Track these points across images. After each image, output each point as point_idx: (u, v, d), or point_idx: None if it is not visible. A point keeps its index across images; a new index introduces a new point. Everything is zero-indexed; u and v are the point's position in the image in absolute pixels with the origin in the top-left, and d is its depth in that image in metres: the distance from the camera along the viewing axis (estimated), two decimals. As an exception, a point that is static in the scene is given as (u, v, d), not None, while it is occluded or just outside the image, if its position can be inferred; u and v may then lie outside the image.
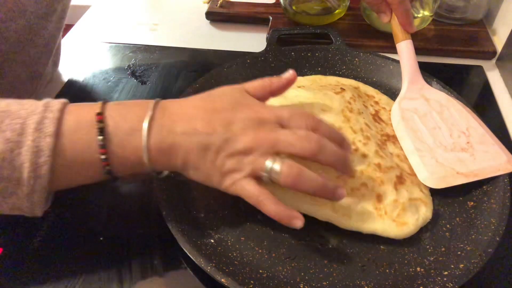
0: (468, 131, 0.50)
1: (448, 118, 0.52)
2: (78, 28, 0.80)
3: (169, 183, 0.48)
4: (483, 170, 0.47)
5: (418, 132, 0.51)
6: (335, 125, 0.49)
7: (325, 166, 0.42)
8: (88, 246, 0.46)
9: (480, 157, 0.47)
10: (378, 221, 0.44)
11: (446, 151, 0.48)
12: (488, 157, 0.47)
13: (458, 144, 0.49)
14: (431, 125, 0.51)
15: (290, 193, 0.45)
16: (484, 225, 0.44)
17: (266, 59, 0.63)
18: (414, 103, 0.54)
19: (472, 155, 0.48)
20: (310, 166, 0.41)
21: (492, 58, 0.70)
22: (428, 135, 0.50)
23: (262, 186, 0.40)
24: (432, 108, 0.53)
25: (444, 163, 0.47)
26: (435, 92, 0.55)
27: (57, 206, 0.49)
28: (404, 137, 0.51)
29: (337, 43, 0.66)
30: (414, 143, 0.49)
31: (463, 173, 0.46)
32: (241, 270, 0.41)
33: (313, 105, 0.51)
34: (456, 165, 0.47)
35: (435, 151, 0.49)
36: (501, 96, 0.64)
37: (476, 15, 0.74)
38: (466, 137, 0.49)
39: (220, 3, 0.79)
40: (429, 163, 0.47)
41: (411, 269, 0.42)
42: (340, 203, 0.44)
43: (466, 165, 0.47)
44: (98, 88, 0.65)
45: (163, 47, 0.73)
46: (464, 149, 0.48)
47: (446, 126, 0.51)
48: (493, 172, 0.46)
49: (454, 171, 0.47)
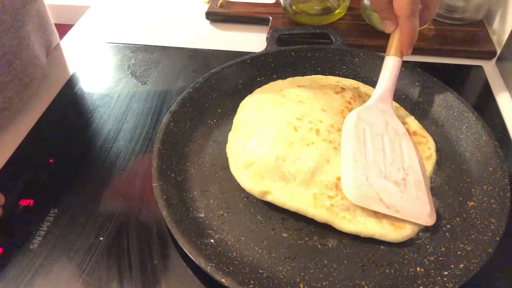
0: (408, 170, 0.47)
1: (396, 149, 0.49)
2: (78, 28, 0.80)
3: (169, 183, 0.48)
4: (405, 211, 0.44)
5: (362, 145, 0.48)
6: (334, 126, 0.49)
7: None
8: (88, 246, 0.46)
9: (408, 198, 0.45)
10: (376, 224, 0.44)
11: (379, 175, 0.46)
12: (415, 202, 0.45)
13: (393, 175, 0.47)
14: (377, 146, 0.49)
15: (293, 196, 0.45)
16: (484, 225, 0.44)
17: (266, 59, 0.63)
18: (373, 119, 0.51)
19: (402, 192, 0.45)
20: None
21: (492, 58, 0.70)
22: (371, 153, 0.48)
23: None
24: (387, 133, 0.50)
25: (373, 184, 0.45)
26: (397, 120, 0.52)
27: (57, 206, 0.49)
28: (347, 143, 0.48)
29: (337, 43, 0.66)
30: (354, 153, 0.47)
31: (385, 203, 0.44)
32: (241, 270, 0.41)
33: (313, 104, 0.51)
34: (382, 192, 0.45)
35: (370, 170, 0.46)
36: (501, 96, 0.64)
37: (476, 15, 0.74)
38: (404, 174, 0.47)
39: (220, 3, 0.79)
40: (358, 177, 0.45)
41: (411, 269, 0.42)
42: (339, 206, 0.44)
43: (391, 198, 0.45)
44: (98, 88, 0.65)
45: (163, 47, 0.73)
46: (397, 183, 0.46)
47: (391, 155, 0.48)
48: (413, 217, 0.44)
49: (378, 196, 0.44)
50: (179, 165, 0.51)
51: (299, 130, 0.48)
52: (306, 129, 0.48)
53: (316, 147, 0.47)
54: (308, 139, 0.48)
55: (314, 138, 0.48)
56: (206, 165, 0.52)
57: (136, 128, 0.58)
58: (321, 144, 0.47)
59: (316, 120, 0.49)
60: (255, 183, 0.47)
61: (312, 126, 0.49)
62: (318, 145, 0.47)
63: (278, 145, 0.47)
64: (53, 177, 0.52)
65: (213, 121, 0.57)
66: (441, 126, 0.56)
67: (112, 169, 0.53)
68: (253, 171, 0.48)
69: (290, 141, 0.47)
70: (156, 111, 0.61)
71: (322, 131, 0.48)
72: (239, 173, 0.49)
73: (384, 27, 0.55)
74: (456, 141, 0.54)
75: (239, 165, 0.49)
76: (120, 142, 0.56)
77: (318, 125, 0.49)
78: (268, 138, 0.48)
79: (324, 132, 0.48)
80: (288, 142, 0.47)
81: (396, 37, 0.53)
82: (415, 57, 0.69)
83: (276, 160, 0.47)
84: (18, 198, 0.49)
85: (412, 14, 0.50)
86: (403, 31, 0.52)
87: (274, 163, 0.47)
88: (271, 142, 0.48)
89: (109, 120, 0.60)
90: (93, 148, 0.56)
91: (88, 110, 0.62)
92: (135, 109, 0.62)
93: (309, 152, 0.47)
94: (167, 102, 0.62)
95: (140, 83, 0.66)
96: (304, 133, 0.48)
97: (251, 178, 0.48)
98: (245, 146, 0.49)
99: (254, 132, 0.50)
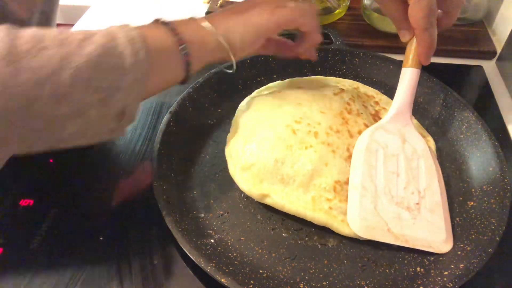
0: (424, 192, 0.45)
1: (413, 169, 0.47)
2: (78, 28, 0.80)
3: (169, 183, 0.48)
4: (415, 240, 0.43)
5: (373, 170, 0.46)
6: (333, 127, 0.49)
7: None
8: (88, 246, 0.46)
9: (420, 225, 0.43)
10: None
11: (390, 202, 0.44)
12: (428, 229, 0.43)
13: (407, 200, 0.45)
14: (391, 169, 0.46)
15: (292, 199, 0.45)
16: (484, 225, 0.44)
17: (266, 59, 0.63)
18: (388, 137, 0.48)
19: (414, 219, 0.44)
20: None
21: (492, 58, 0.70)
22: (382, 178, 0.46)
23: None
24: (403, 152, 0.48)
25: (381, 213, 0.44)
26: (417, 137, 0.49)
27: (57, 205, 0.49)
28: (356, 168, 0.46)
29: (337, 43, 0.66)
30: (363, 179, 0.45)
31: (394, 233, 0.43)
32: (241, 270, 0.41)
33: (312, 106, 0.51)
34: (391, 222, 0.43)
35: (379, 197, 0.45)
36: (501, 96, 0.64)
37: (476, 15, 0.74)
38: (419, 197, 0.45)
39: (220, 3, 0.79)
40: (366, 207, 0.44)
41: (411, 269, 0.42)
42: (337, 209, 0.45)
43: (402, 226, 0.43)
44: (98, 88, 0.65)
45: (163, 47, 0.73)
46: (410, 209, 0.44)
47: (406, 176, 0.46)
48: (424, 246, 0.43)
49: (386, 227, 0.43)
50: (179, 165, 0.51)
51: (297, 133, 0.48)
52: (305, 131, 0.48)
53: (315, 150, 0.47)
54: (307, 142, 0.47)
55: (313, 141, 0.47)
56: (206, 165, 0.52)
57: (136, 128, 0.58)
58: (319, 147, 0.47)
59: (314, 122, 0.49)
60: (253, 186, 0.47)
61: (311, 128, 0.49)
62: (316, 148, 0.47)
63: (277, 148, 0.47)
64: (53, 177, 0.52)
65: (213, 121, 0.57)
66: (441, 126, 0.56)
67: (112, 169, 0.53)
68: (252, 173, 0.47)
69: (289, 144, 0.47)
70: (156, 111, 0.61)
71: (320, 133, 0.48)
72: (238, 176, 0.48)
73: (400, 37, 0.51)
74: (456, 141, 0.54)
75: (238, 168, 0.49)
76: (120, 142, 0.56)
77: (317, 127, 0.49)
78: (267, 141, 0.48)
79: (323, 135, 0.48)
80: (287, 145, 0.47)
81: (413, 47, 0.49)
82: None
83: (275, 163, 0.47)
84: (18, 198, 0.49)
85: (429, 26, 0.46)
86: (420, 43, 0.48)
87: (273, 166, 0.47)
88: (270, 145, 0.48)
89: (109, 120, 0.60)
90: (93, 148, 0.56)
91: (88, 110, 0.62)
92: (135, 109, 0.61)
93: (308, 155, 0.47)
94: (167, 102, 0.62)
95: (140, 83, 0.66)
96: (302, 136, 0.48)
97: (250, 181, 0.47)
98: (244, 149, 0.49)
99: (253, 134, 0.50)
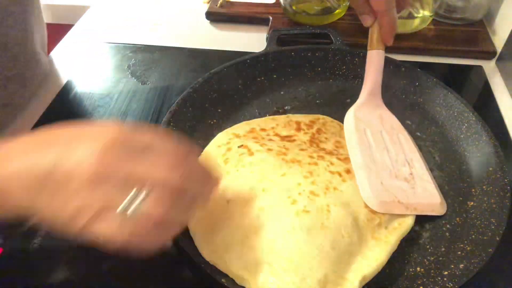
0: (412, 163, 0.48)
1: (396, 143, 0.50)
2: (78, 28, 0.80)
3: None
4: (421, 206, 0.45)
5: (368, 148, 0.48)
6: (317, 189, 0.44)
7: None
8: (88, 246, 0.45)
9: (419, 193, 0.46)
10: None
11: (390, 176, 0.47)
12: (425, 195, 0.46)
13: (401, 172, 0.47)
14: (380, 145, 0.49)
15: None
16: (484, 225, 0.44)
17: (266, 59, 0.63)
18: (369, 116, 0.51)
19: (413, 188, 0.46)
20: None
21: (492, 58, 0.70)
22: (378, 155, 0.48)
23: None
24: (384, 128, 0.51)
25: (388, 188, 0.45)
26: (389, 113, 0.53)
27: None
28: (355, 150, 0.48)
29: (337, 43, 0.66)
30: (365, 159, 0.47)
31: (404, 204, 0.45)
32: (241, 270, 0.41)
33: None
34: (398, 194, 0.45)
35: (381, 173, 0.47)
36: (501, 96, 0.64)
37: (476, 15, 0.74)
38: (410, 168, 0.48)
39: (220, 3, 0.79)
40: (375, 184, 0.45)
41: (411, 269, 0.42)
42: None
43: (407, 196, 0.45)
44: (98, 88, 0.65)
45: (163, 47, 0.73)
46: (407, 180, 0.47)
47: (394, 150, 0.49)
48: (429, 210, 0.45)
49: (396, 199, 0.45)
50: (179, 165, 0.51)
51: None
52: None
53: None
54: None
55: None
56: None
57: (136, 128, 0.58)
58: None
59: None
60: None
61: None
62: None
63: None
64: (53, 177, 0.52)
65: (213, 121, 0.57)
66: (441, 126, 0.56)
67: (112, 169, 0.53)
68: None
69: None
70: (156, 111, 0.61)
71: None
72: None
73: (362, 22, 0.55)
74: (456, 141, 0.54)
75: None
76: (120, 142, 0.56)
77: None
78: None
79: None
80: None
81: (376, 31, 0.54)
82: (415, 57, 0.69)
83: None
84: (18, 198, 0.49)
85: (390, 7, 0.51)
86: (384, 24, 0.53)
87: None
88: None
89: (109, 120, 0.60)
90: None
91: (88, 110, 0.62)
92: (135, 109, 0.62)
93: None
94: (167, 102, 0.62)
95: (140, 83, 0.66)
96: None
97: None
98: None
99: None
